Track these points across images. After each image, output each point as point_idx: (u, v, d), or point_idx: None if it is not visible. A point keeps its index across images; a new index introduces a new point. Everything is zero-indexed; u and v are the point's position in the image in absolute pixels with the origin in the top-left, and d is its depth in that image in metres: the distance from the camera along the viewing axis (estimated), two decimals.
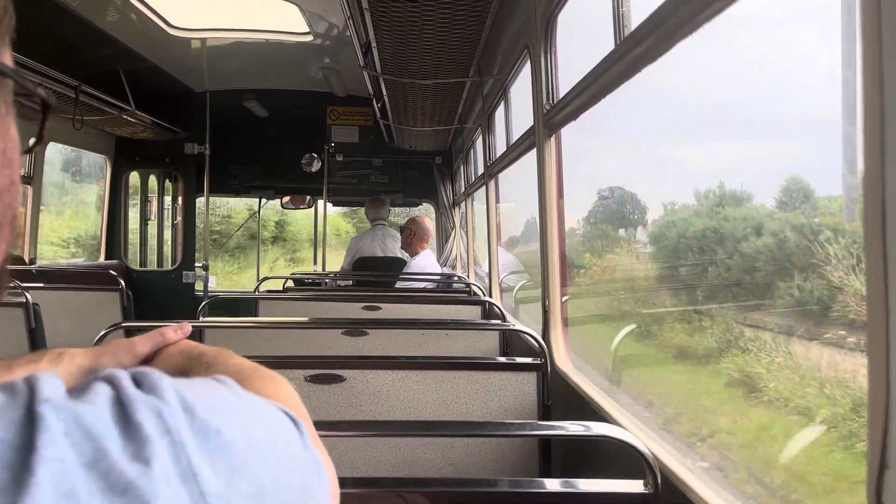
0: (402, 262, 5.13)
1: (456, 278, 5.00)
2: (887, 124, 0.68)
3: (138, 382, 0.40)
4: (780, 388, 2.69)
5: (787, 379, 2.69)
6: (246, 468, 0.40)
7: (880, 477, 0.70)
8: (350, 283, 5.32)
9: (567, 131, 2.20)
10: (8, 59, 0.46)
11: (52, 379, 0.37)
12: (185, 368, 0.80)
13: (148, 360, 0.85)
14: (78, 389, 0.39)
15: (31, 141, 0.52)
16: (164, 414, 0.38)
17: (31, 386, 0.36)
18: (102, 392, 0.38)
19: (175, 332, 0.87)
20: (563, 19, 2.19)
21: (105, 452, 0.34)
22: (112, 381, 0.39)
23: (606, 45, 1.63)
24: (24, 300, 3.05)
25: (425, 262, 4.90)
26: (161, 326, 0.87)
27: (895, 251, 0.68)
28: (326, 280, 5.39)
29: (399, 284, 4.72)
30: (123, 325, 2.20)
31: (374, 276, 5.03)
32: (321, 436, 0.61)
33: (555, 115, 2.12)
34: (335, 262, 7.60)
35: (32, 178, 4.76)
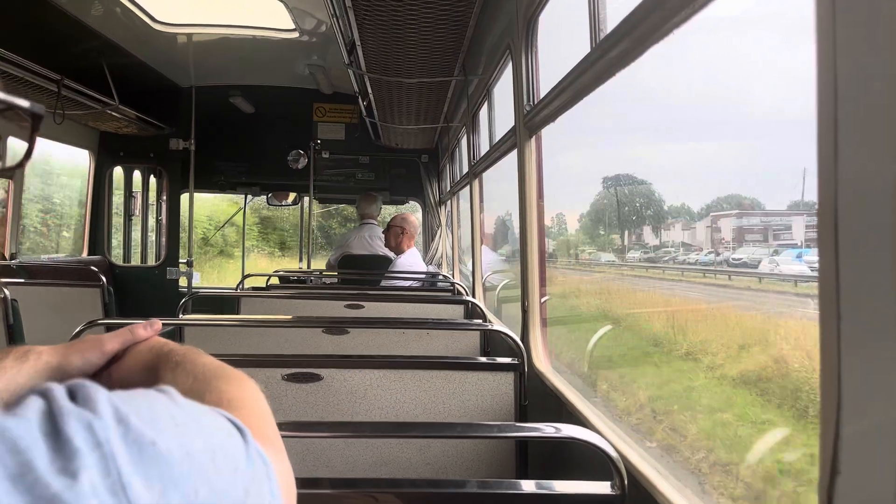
0: (388, 261, 5.12)
1: (441, 277, 5.00)
2: (840, 124, 0.69)
3: (73, 395, 0.40)
4: None
5: None
6: (181, 479, 0.40)
7: (832, 482, 0.71)
8: (335, 281, 5.30)
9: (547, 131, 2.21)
10: None
11: None
12: (154, 366, 0.79)
13: (117, 358, 0.84)
14: (13, 403, 0.38)
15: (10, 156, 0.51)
16: (95, 427, 0.37)
17: None
18: (34, 405, 0.38)
19: (145, 328, 0.86)
20: (545, 21, 2.20)
21: (30, 466, 0.34)
22: (45, 395, 0.39)
23: (586, 46, 1.64)
24: (2, 296, 3.02)
25: (411, 260, 4.90)
26: (134, 323, 0.86)
27: (847, 257, 0.69)
28: (311, 278, 5.38)
29: (384, 283, 4.72)
30: (100, 321, 2.18)
31: (359, 274, 5.02)
32: (297, 436, 0.61)
33: (534, 117, 2.13)
34: (321, 260, 7.58)
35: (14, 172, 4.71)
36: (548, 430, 1.33)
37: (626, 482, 1.12)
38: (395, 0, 2.58)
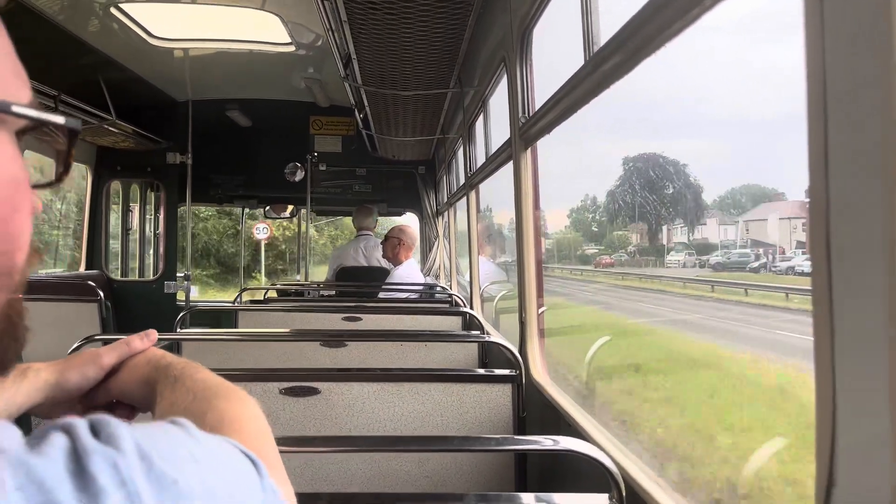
0: (385, 272, 5.12)
1: (439, 288, 5.00)
2: (830, 123, 0.69)
3: (96, 431, 0.40)
4: None
5: None
6: None
7: (828, 494, 0.71)
8: (333, 293, 5.30)
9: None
10: (23, 94, 0.46)
11: (7, 428, 0.37)
12: (152, 379, 0.79)
13: (115, 371, 0.84)
14: (34, 437, 0.38)
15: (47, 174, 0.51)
16: (120, 465, 0.37)
17: None
18: (58, 443, 0.38)
19: (141, 340, 0.86)
20: (539, 33, 2.21)
21: None
22: (69, 431, 0.39)
23: (579, 59, 1.65)
24: None
25: (409, 271, 4.90)
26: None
27: (840, 267, 0.69)
28: (309, 291, 5.38)
29: (382, 294, 4.72)
30: (97, 337, 2.18)
31: (356, 286, 5.02)
32: (295, 451, 0.61)
33: (530, 128, 2.14)
34: (319, 272, 7.58)
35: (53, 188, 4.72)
36: (546, 442, 1.33)
37: (624, 494, 1.12)
38: (390, 13, 2.59)
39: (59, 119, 0.48)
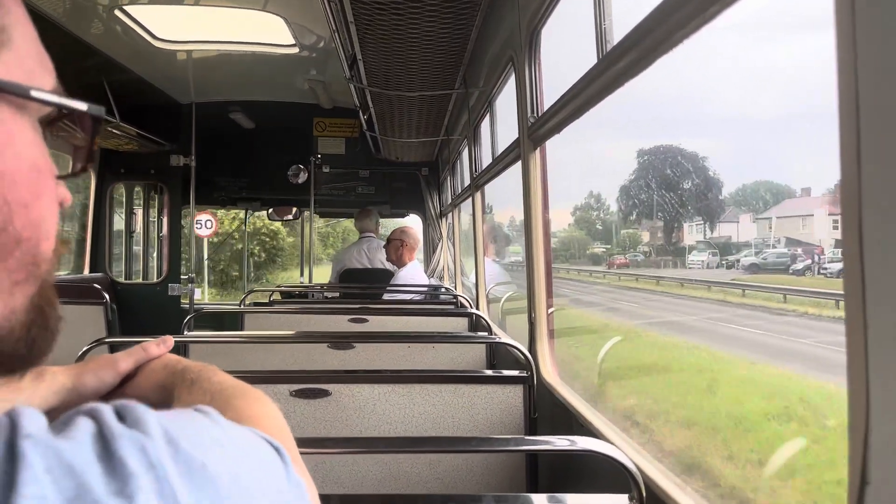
0: (389, 274, 5.12)
1: (443, 290, 4.99)
2: (863, 121, 0.68)
3: (121, 416, 0.40)
4: None
5: None
6: (230, 502, 0.40)
7: (861, 492, 0.70)
8: (337, 295, 5.30)
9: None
10: (45, 81, 0.46)
11: (33, 413, 0.36)
12: (169, 384, 0.79)
13: (131, 376, 0.84)
14: (60, 423, 0.38)
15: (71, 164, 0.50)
16: (148, 448, 0.37)
17: (12, 420, 0.35)
18: (84, 427, 0.37)
19: (158, 346, 0.86)
20: (548, 32, 2.21)
21: (88, 488, 0.34)
22: (94, 416, 0.39)
23: (590, 58, 1.64)
24: None
25: (413, 273, 4.89)
26: (145, 341, 0.86)
27: (873, 262, 0.68)
28: (313, 293, 5.37)
29: (386, 296, 4.71)
30: (107, 340, 2.17)
31: (361, 288, 5.01)
32: (307, 453, 0.60)
33: (539, 128, 2.13)
34: (323, 274, 7.58)
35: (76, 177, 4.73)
36: (561, 443, 1.32)
37: (644, 495, 1.11)
38: (396, 13, 2.58)
39: (82, 106, 0.47)
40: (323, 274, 8.47)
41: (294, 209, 6.83)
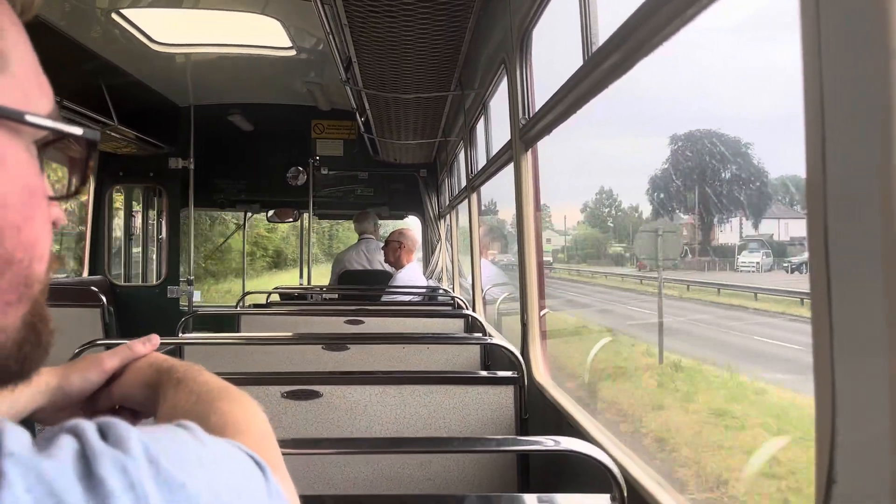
0: (388, 275, 5.13)
1: (441, 291, 5.00)
2: (827, 123, 0.69)
3: (104, 434, 0.40)
4: None
5: None
6: None
7: (828, 491, 0.71)
8: (336, 297, 5.31)
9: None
10: (42, 105, 0.46)
11: (16, 431, 0.37)
12: (155, 382, 0.80)
13: (117, 375, 0.85)
14: (43, 440, 0.39)
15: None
16: (129, 468, 0.38)
17: None
18: (67, 445, 0.38)
19: (143, 344, 0.87)
20: (539, 34, 2.22)
21: None
22: (77, 434, 0.39)
23: (578, 59, 1.65)
24: None
25: (411, 274, 4.90)
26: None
27: (838, 266, 0.69)
28: (311, 294, 5.38)
29: (385, 298, 4.72)
30: (99, 342, 2.18)
31: (359, 289, 5.02)
32: (298, 453, 0.61)
33: (530, 130, 2.14)
34: (322, 275, 7.59)
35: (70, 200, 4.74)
36: (547, 443, 1.32)
37: (625, 494, 1.12)
38: (390, 16, 2.60)
39: (77, 130, 0.48)
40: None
41: (294, 211, 6.84)
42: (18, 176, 0.43)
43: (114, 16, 3.85)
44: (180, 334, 2.75)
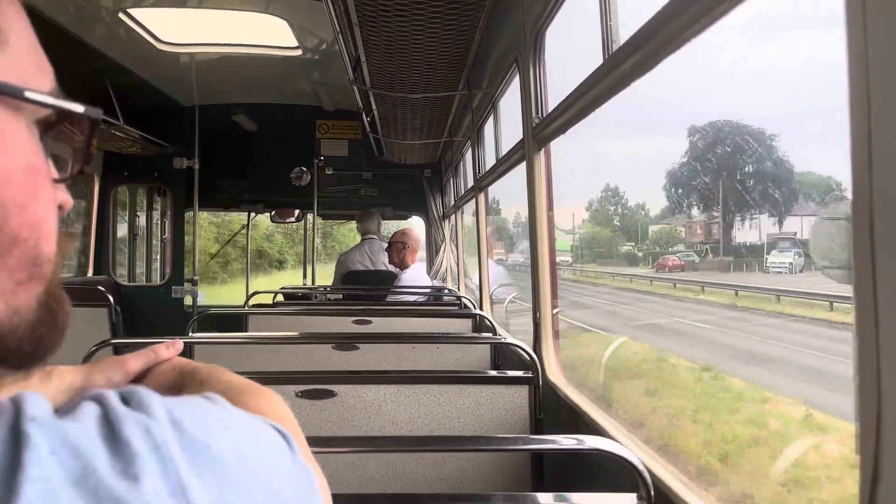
0: (392, 276, 5.12)
1: (446, 291, 5.00)
2: (874, 122, 0.69)
3: (126, 400, 0.40)
4: None
5: None
6: (236, 482, 0.40)
7: (873, 490, 0.70)
8: (340, 297, 5.30)
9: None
10: (42, 83, 0.46)
11: (37, 397, 0.37)
12: (179, 385, 0.80)
13: (140, 378, 0.84)
14: (65, 408, 0.38)
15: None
16: (153, 430, 0.37)
17: (16, 404, 0.36)
18: (89, 410, 0.38)
19: (167, 349, 0.87)
20: (552, 33, 2.21)
21: (92, 469, 0.34)
22: (100, 400, 0.39)
23: (596, 58, 1.64)
24: None
25: (416, 275, 4.89)
26: (150, 343, 0.86)
27: (884, 259, 0.69)
28: (316, 294, 5.38)
29: (390, 298, 4.72)
30: (112, 341, 2.18)
31: (364, 290, 5.02)
32: (312, 452, 0.61)
33: (544, 129, 2.14)
34: (326, 275, 7.58)
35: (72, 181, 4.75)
36: (568, 442, 1.32)
37: (652, 494, 1.11)
38: (400, 15, 2.59)
39: (79, 108, 0.47)
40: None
41: (297, 212, 6.83)
42: (20, 154, 0.43)
43: (120, 15, 3.85)
44: (190, 334, 2.75)
